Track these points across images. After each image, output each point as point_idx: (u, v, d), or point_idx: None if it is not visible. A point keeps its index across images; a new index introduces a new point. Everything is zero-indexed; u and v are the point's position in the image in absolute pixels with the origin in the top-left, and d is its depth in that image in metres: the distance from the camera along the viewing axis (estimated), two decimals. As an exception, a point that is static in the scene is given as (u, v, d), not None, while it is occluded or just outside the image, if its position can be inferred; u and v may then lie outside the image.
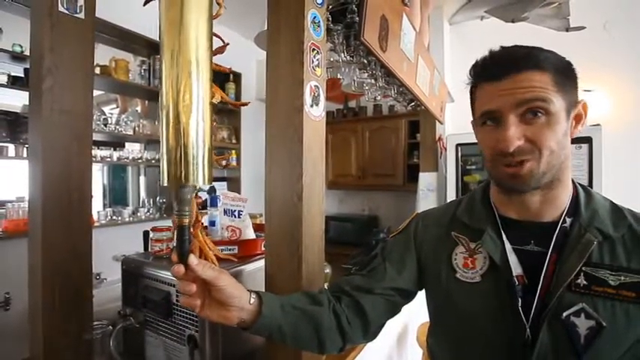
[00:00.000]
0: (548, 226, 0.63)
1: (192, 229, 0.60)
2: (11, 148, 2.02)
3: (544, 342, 0.58)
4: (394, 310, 0.76)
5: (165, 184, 0.61)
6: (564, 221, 0.63)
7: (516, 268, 0.62)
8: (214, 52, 0.67)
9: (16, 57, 1.96)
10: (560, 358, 0.57)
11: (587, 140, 2.28)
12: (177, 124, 0.62)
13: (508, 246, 0.64)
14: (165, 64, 0.62)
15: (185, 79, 0.63)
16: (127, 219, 2.46)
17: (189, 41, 0.62)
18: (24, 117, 2.02)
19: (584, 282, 0.58)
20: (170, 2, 0.61)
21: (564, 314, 0.58)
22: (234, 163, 3.39)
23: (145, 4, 0.65)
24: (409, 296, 0.77)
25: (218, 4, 0.66)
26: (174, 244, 0.57)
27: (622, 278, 0.57)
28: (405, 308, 0.78)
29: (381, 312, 0.74)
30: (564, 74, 0.60)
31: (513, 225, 0.66)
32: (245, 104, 0.88)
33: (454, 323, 0.69)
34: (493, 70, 0.61)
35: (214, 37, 0.68)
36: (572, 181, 0.66)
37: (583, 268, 0.58)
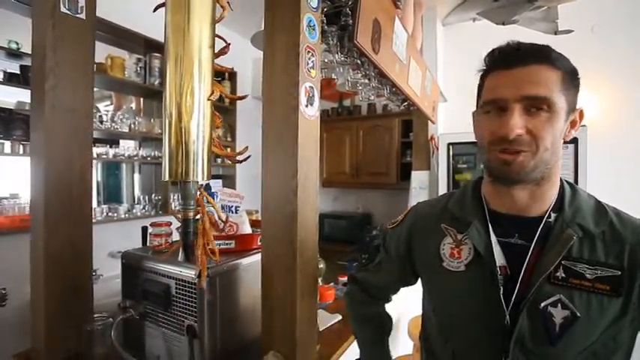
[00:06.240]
0: (534, 221, 0.67)
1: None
2: (7, 145, 2.02)
3: (522, 328, 0.62)
4: (405, 286, 0.92)
5: (167, 180, 0.65)
6: (549, 216, 0.66)
7: (500, 259, 0.66)
8: (217, 55, 0.70)
9: (12, 54, 1.96)
10: (536, 343, 0.62)
11: (574, 140, 2.35)
12: (179, 123, 0.66)
13: (493, 238, 0.68)
14: (170, 68, 0.65)
15: (188, 81, 0.66)
16: (123, 216, 2.48)
17: (193, 46, 0.66)
18: (17, 113, 2.02)
19: (563, 275, 0.62)
20: (176, 9, 0.64)
21: (542, 304, 0.62)
22: (228, 161, 3.41)
23: (154, 11, 0.68)
24: (410, 282, 0.88)
25: (222, 7, 0.69)
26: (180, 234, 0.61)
27: (598, 272, 0.61)
28: (398, 304, 0.86)
29: (395, 291, 0.97)
30: (571, 78, 0.62)
31: (500, 218, 0.69)
32: (242, 97, 0.91)
33: (441, 310, 0.75)
34: (506, 58, 0.62)
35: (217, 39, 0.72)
36: (560, 178, 0.70)
37: (562, 262, 0.62)
